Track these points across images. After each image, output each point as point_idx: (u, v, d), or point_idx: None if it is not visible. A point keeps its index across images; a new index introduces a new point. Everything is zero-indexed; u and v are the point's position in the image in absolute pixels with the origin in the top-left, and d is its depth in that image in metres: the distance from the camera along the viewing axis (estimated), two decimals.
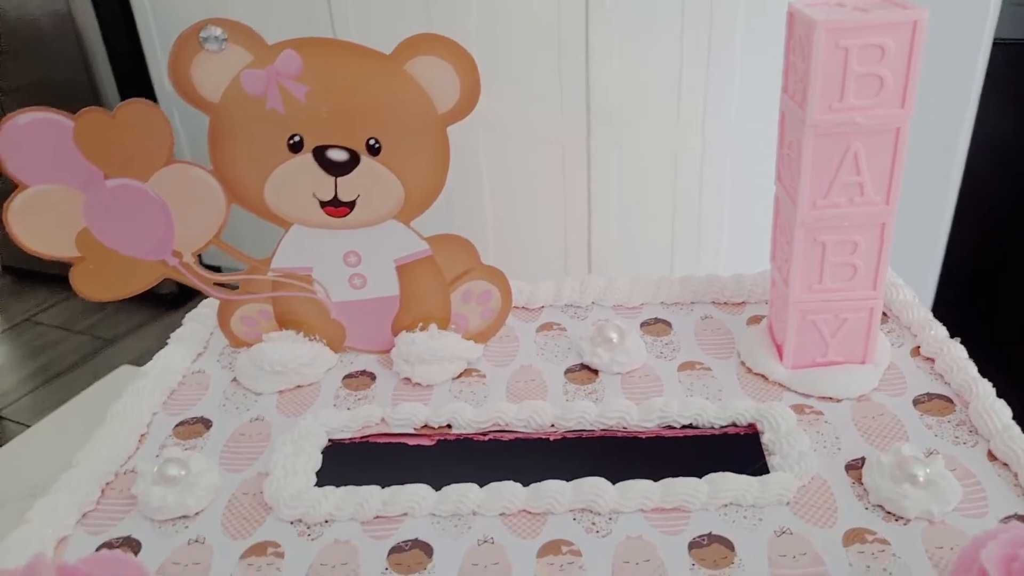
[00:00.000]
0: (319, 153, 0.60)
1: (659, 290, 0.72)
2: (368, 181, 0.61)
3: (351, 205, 0.61)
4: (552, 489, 0.52)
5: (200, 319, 0.72)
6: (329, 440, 0.59)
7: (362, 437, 0.60)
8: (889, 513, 0.49)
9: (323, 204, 0.61)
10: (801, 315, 0.60)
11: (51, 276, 1.92)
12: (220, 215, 0.61)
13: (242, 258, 0.63)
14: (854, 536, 0.48)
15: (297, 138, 0.59)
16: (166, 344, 0.69)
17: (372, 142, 0.60)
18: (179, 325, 0.72)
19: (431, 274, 0.65)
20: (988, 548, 0.38)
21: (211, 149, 0.60)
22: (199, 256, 0.63)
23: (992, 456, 0.53)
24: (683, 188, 1.23)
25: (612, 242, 1.31)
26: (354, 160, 0.60)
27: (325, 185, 0.61)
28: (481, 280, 0.67)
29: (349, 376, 0.66)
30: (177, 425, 0.61)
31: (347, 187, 0.61)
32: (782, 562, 0.46)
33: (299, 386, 0.65)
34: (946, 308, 1.04)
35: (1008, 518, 0.48)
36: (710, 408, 0.58)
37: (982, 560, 0.38)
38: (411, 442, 0.59)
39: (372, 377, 0.66)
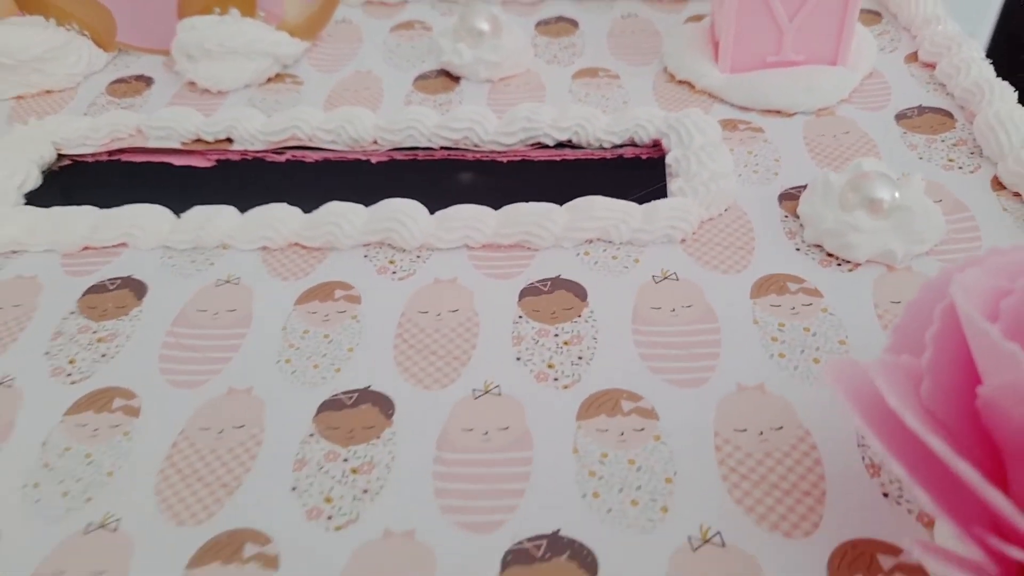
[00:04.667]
0: None
1: None
2: None
3: None
4: (337, 214, 0.35)
5: None
6: (60, 155, 0.42)
7: (109, 153, 0.43)
8: (829, 256, 0.33)
9: None
10: None
11: None
12: None
13: None
14: (769, 284, 0.32)
15: None
16: None
17: None
18: None
19: None
20: (966, 275, 0.22)
21: None
22: None
23: (998, 184, 0.35)
24: None
25: None
26: None
27: None
28: None
29: (118, 81, 0.47)
30: None
31: None
32: (651, 317, 0.31)
33: (47, 91, 0.47)
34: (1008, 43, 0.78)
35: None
36: (600, 119, 0.40)
37: (952, 293, 0.22)
38: (178, 162, 0.42)
39: (148, 83, 0.47)
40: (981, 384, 0.20)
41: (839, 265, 0.32)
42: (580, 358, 0.29)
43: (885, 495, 0.24)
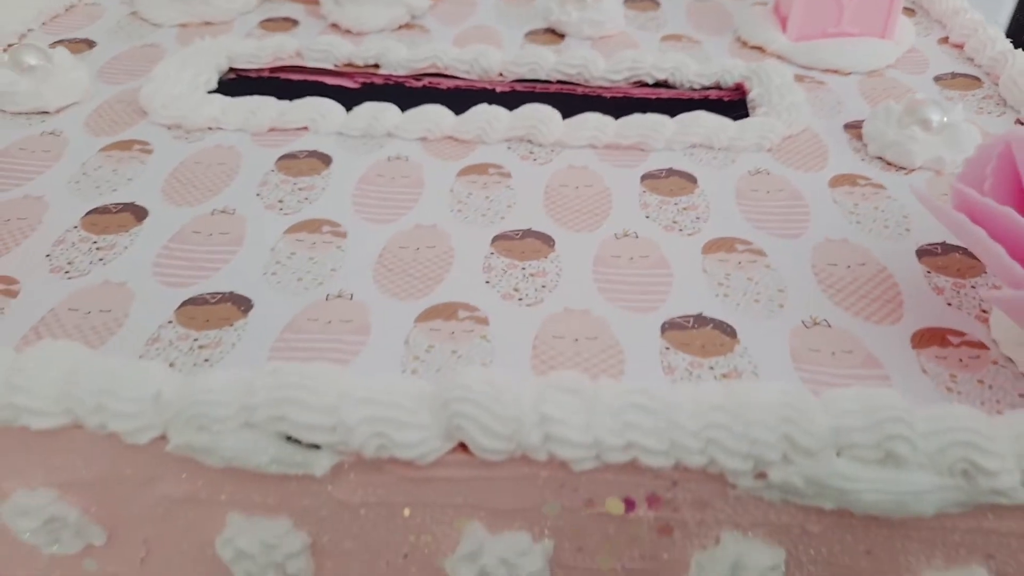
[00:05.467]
0: None
1: None
2: None
3: None
4: (486, 113, 0.43)
5: None
6: (231, 69, 0.50)
7: (272, 70, 0.50)
8: (890, 164, 0.41)
9: None
10: None
11: None
12: None
13: None
14: (844, 180, 0.40)
15: None
16: None
17: None
18: None
19: None
20: (1018, 129, 0.30)
21: None
22: None
23: (1021, 123, 0.44)
24: None
25: None
26: None
27: None
28: None
29: (267, 21, 0.55)
30: (55, 43, 0.51)
31: None
32: (753, 195, 0.38)
33: (207, 23, 0.54)
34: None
35: None
36: (691, 64, 0.48)
37: (1011, 141, 0.29)
38: (330, 81, 0.50)
39: (294, 23, 0.55)
40: None
41: (897, 170, 0.40)
42: (698, 218, 0.37)
43: (948, 304, 0.32)
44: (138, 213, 0.36)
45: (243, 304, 0.31)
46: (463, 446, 0.24)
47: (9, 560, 0.27)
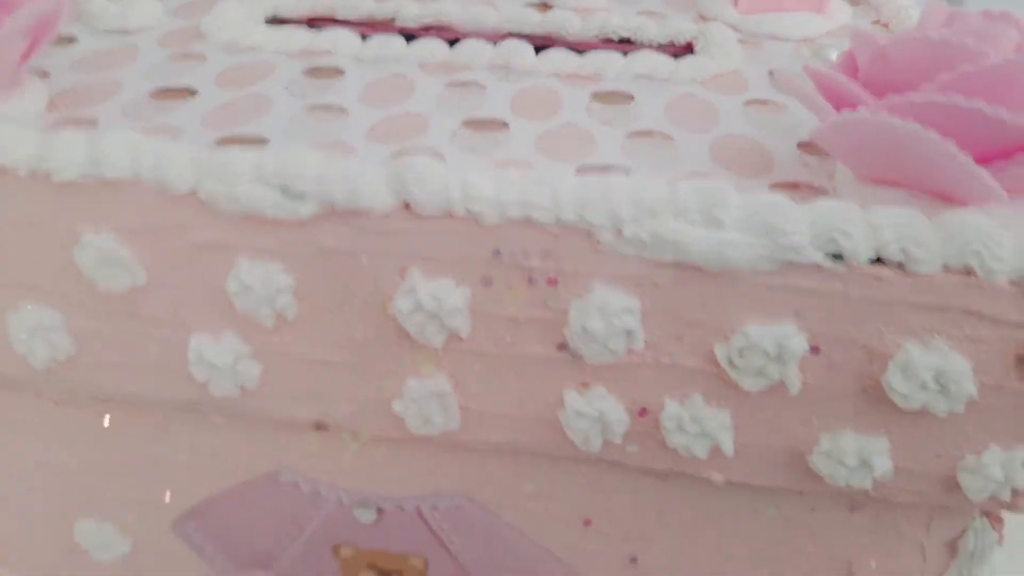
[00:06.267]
0: None
1: None
2: None
3: None
4: (474, 46, 0.53)
5: None
6: (275, 17, 0.61)
7: (308, 19, 0.61)
8: None
9: None
10: None
11: None
12: None
13: None
14: (757, 101, 0.48)
15: None
16: None
17: None
18: None
19: None
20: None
21: None
22: None
23: None
24: None
25: None
26: None
27: None
28: None
29: None
30: None
31: None
32: (678, 107, 0.47)
33: None
34: None
35: None
36: (651, 25, 0.58)
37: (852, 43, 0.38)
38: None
39: None
40: None
41: None
42: (629, 120, 0.46)
43: (805, 166, 0.40)
44: (192, 92, 0.47)
45: (261, 142, 0.41)
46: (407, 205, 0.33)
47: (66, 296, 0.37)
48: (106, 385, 0.40)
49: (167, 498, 0.48)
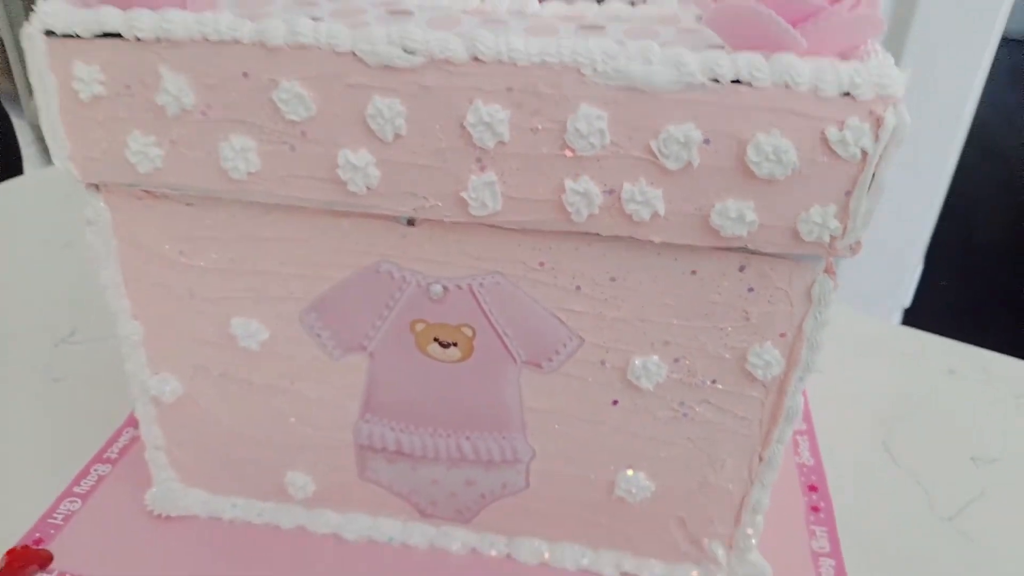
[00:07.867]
0: None
1: None
2: None
3: None
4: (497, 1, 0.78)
5: None
6: None
7: None
8: None
9: None
10: None
11: None
12: None
13: None
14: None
15: None
16: None
17: None
18: None
19: None
20: None
21: None
22: None
23: None
24: None
25: None
26: None
27: None
28: None
29: None
30: None
31: None
32: (635, 30, 0.72)
33: None
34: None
35: None
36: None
37: None
38: None
39: None
40: None
41: None
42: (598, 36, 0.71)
43: None
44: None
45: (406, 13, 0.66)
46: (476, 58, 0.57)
47: (262, 127, 0.61)
48: (277, 191, 0.64)
49: (299, 292, 0.71)
